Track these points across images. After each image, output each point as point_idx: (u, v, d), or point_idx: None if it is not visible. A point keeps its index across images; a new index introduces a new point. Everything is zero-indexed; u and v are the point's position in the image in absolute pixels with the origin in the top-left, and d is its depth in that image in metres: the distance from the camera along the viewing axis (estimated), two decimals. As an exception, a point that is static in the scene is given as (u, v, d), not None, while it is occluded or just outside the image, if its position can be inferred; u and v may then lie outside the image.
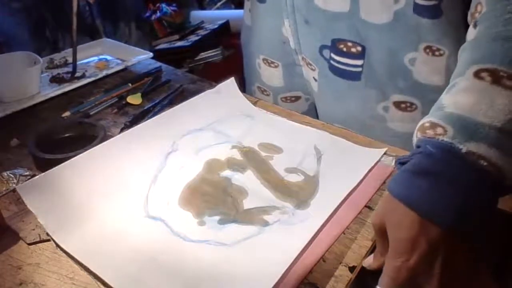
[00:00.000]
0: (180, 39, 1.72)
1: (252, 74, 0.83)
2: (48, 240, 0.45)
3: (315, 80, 0.70)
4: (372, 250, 0.42)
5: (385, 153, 0.56)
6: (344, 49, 0.63)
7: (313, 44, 0.66)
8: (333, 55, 0.64)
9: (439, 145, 0.35)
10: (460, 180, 0.34)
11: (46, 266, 0.43)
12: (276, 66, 0.75)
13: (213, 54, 1.70)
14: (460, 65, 0.40)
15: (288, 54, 0.72)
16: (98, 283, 0.41)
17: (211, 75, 0.84)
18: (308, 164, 0.55)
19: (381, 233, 0.37)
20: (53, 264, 0.43)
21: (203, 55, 1.69)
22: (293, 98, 0.78)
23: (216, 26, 1.78)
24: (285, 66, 0.74)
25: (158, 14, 1.76)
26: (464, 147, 0.34)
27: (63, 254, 0.44)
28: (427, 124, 0.37)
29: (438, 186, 0.34)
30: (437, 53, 0.59)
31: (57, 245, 0.44)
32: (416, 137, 0.39)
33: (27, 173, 0.55)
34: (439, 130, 0.36)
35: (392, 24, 0.58)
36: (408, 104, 0.63)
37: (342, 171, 0.53)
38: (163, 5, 1.78)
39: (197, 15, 1.92)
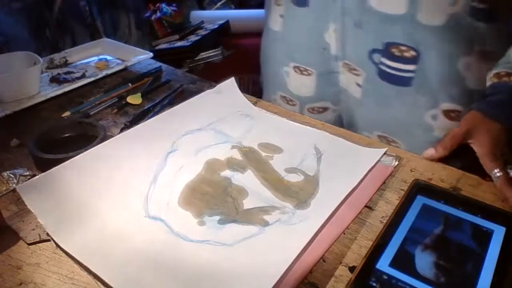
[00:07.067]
0: (180, 39, 1.72)
1: (275, 82, 0.79)
2: (48, 240, 0.45)
3: (359, 86, 0.67)
4: (372, 250, 0.42)
5: (385, 153, 0.56)
6: (397, 53, 0.61)
7: (362, 48, 0.64)
8: (383, 60, 0.62)
9: None
10: None
11: (46, 266, 0.43)
12: (309, 74, 0.72)
13: (213, 54, 1.70)
14: None
15: (326, 61, 0.69)
16: (98, 283, 0.41)
17: (211, 75, 0.84)
18: (308, 164, 0.55)
19: (461, 139, 0.54)
20: (53, 264, 0.43)
21: (203, 55, 1.69)
22: (320, 109, 0.75)
23: (216, 26, 1.78)
24: (319, 74, 0.71)
25: (158, 14, 1.76)
26: None
27: (63, 254, 0.44)
28: (503, 73, 0.54)
29: None
30: (488, 57, 0.58)
31: (57, 245, 0.44)
32: (491, 81, 0.55)
33: (27, 173, 0.55)
34: None
35: (447, 27, 0.57)
36: (458, 113, 0.61)
37: (342, 171, 0.53)
38: (163, 5, 1.78)
39: (197, 15, 1.92)
